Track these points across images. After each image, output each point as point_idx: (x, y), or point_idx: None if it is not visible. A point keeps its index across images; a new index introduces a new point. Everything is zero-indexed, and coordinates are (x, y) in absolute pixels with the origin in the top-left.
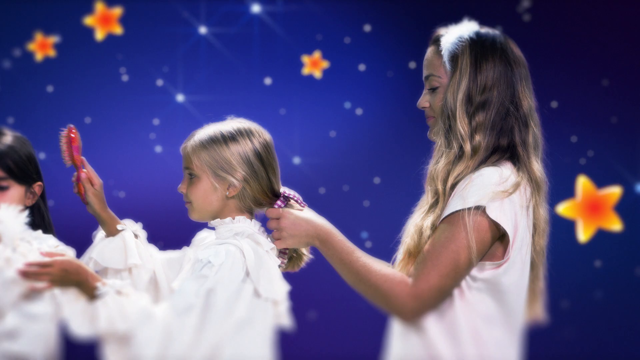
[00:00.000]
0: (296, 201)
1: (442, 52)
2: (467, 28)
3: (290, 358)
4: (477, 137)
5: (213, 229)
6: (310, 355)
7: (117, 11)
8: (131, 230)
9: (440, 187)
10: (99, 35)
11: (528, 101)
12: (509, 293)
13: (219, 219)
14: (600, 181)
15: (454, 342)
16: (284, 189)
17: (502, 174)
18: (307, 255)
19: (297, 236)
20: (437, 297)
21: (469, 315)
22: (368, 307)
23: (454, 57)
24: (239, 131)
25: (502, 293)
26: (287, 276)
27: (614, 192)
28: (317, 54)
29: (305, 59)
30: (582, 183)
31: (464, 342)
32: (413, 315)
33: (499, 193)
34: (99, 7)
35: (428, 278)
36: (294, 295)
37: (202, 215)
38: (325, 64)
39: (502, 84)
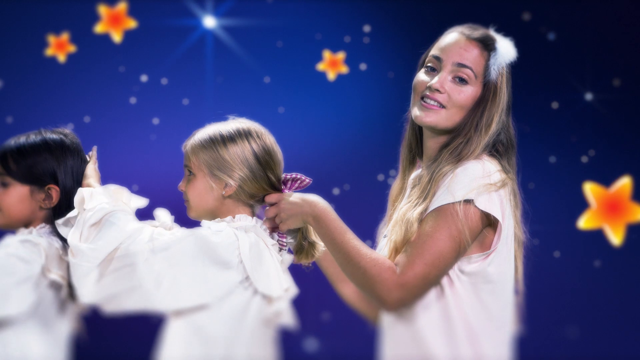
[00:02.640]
0: (301, 181)
1: (492, 60)
2: (509, 46)
3: (303, 359)
4: (483, 150)
5: None
6: (324, 356)
7: (123, 6)
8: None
9: (439, 179)
10: (117, 37)
11: (512, 124)
12: (498, 283)
13: (218, 219)
14: (607, 178)
15: (447, 339)
16: (284, 175)
17: (485, 166)
18: (320, 243)
19: (294, 215)
20: (422, 287)
21: (461, 309)
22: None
23: (500, 74)
24: (238, 132)
25: (492, 283)
26: (302, 278)
27: (625, 183)
28: (340, 55)
29: (327, 54)
30: (590, 189)
31: (457, 338)
32: (397, 304)
33: (486, 186)
34: (103, 10)
35: (413, 267)
36: (308, 297)
37: (199, 213)
38: (344, 69)
39: (509, 108)
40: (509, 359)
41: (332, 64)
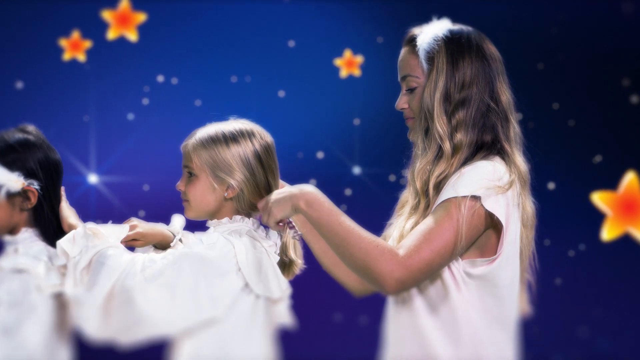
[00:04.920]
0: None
1: (419, 52)
2: (440, 26)
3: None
4: (458, 136)
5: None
6: (337, 357)
7: (125, 4)
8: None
9: (421, 187)
10: (132, 37)
11: (506, 96)
12: (504, 287)
13: (216, 220)
14: (613, 180)
15: (451, 340)
16: (283, 184)
17: (496, 168)
18: (299, 260)
19: (282, 200)
20: (425, 272)
21: (466, 312)
22: None
23: (431, 57)
24: (240, 132)
25: (498, 288)
26: (314, 278)
27: (630, 179)
28: (359, 58)
29: (348, 53)
30: (600, 198)
31: (461, 340)
32: (397, 285)
33: (495, 188)
34: (108, 15)
35: (419, 251)
36: (319, 298)
37: (198, 214)
38: (356, 71)
39: (481, 81)
40: None
41: (348, 64)
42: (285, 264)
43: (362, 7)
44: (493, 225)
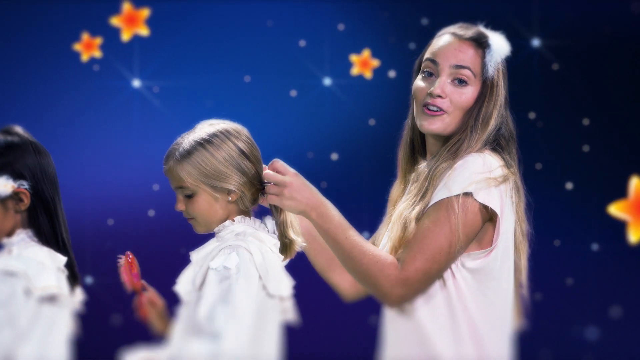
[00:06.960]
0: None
1: (487, 57)
2: (504, 42)
3: (304, 357)
4: (477, 146)
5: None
6: (325, 354)
7: (127, 6)
8: None
9: (434, 183)
10: (144, 31)
11: (510, 117)
12: (500, 280)
13: (220, 225)
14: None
15: (451, 337)
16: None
17: (486, 160)
18: (299, 238)
19: (297, 200)
20: (424, 281)
21: (465, 307)
22: None
23: (496, 71)
24: (215, 135)
25: (495, 280)
26: (304, 276)
27: (636, 184)
28: (374, 62)
29: (366, 52)
30: (617, 208)
31: (461, 337)
32: (399, 300)
33: (486, 180)
34: (117, 20)
35: (414, 262)
36: (323, 295)
37: (209, 227)
38: (368, 74)
39: (506, 101)
40: (510, 358)
41: (363, 65)
42: (286, 245)
43: (374, 7)
44: (489, 217)
